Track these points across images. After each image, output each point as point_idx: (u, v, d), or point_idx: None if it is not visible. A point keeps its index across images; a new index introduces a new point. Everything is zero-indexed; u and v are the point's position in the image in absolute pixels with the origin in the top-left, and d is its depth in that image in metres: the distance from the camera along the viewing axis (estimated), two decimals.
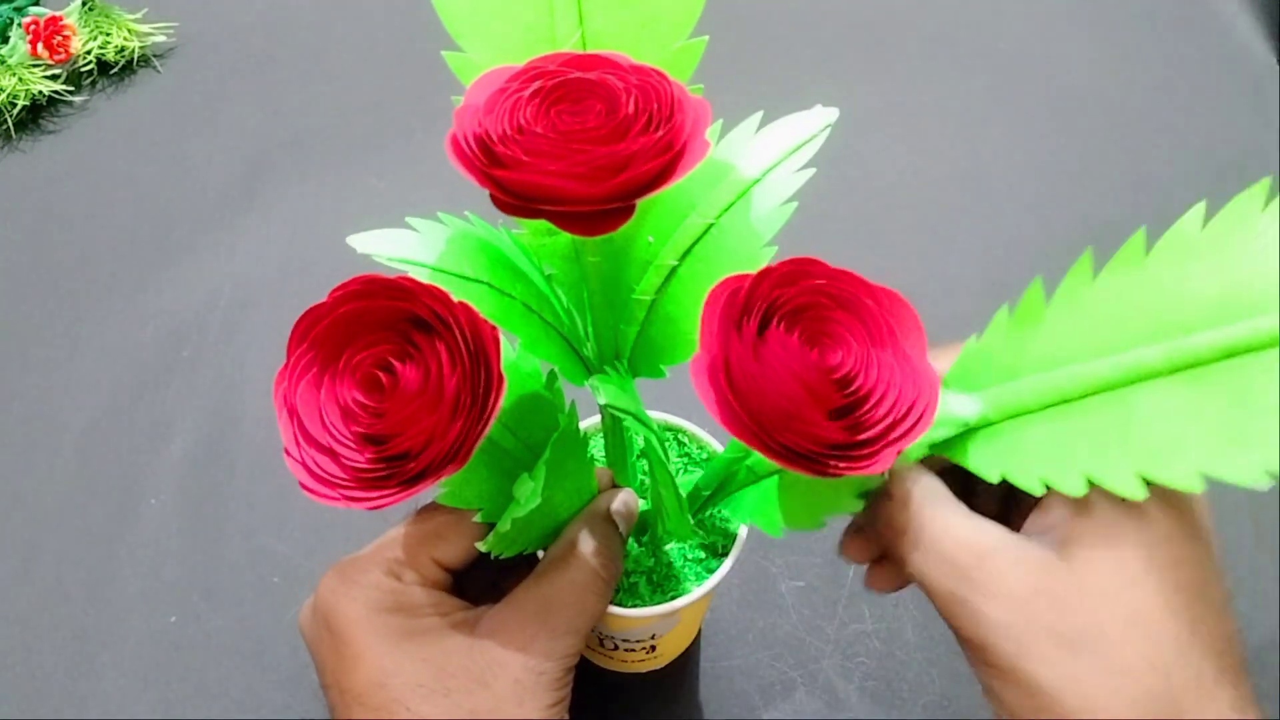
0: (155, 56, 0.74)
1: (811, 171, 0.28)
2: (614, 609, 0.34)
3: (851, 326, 0.24)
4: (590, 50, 0.27)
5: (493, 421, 0.23)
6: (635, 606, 0.34)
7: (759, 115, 0.29)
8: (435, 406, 0.23)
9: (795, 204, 0.28)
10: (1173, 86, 0.70)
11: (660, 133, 0.23)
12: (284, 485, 0.51)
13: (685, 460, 0.38)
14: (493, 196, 0.23)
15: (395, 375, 0.24)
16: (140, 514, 0.50)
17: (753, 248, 0.28)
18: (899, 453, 0.23)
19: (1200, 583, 0.24)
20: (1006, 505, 0.29)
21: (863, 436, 0.23)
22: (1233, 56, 0.72)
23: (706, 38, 0.27)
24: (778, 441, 0.23)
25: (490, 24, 0.28)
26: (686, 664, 0.45)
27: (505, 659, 0.28)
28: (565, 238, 0.30)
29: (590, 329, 0.30)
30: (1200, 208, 0.24)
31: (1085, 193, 0.63)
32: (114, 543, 0.49)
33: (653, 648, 0.40)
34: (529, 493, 0.26)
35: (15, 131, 0.68)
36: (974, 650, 0.25)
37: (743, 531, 0.35)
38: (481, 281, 0.28)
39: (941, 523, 0.26)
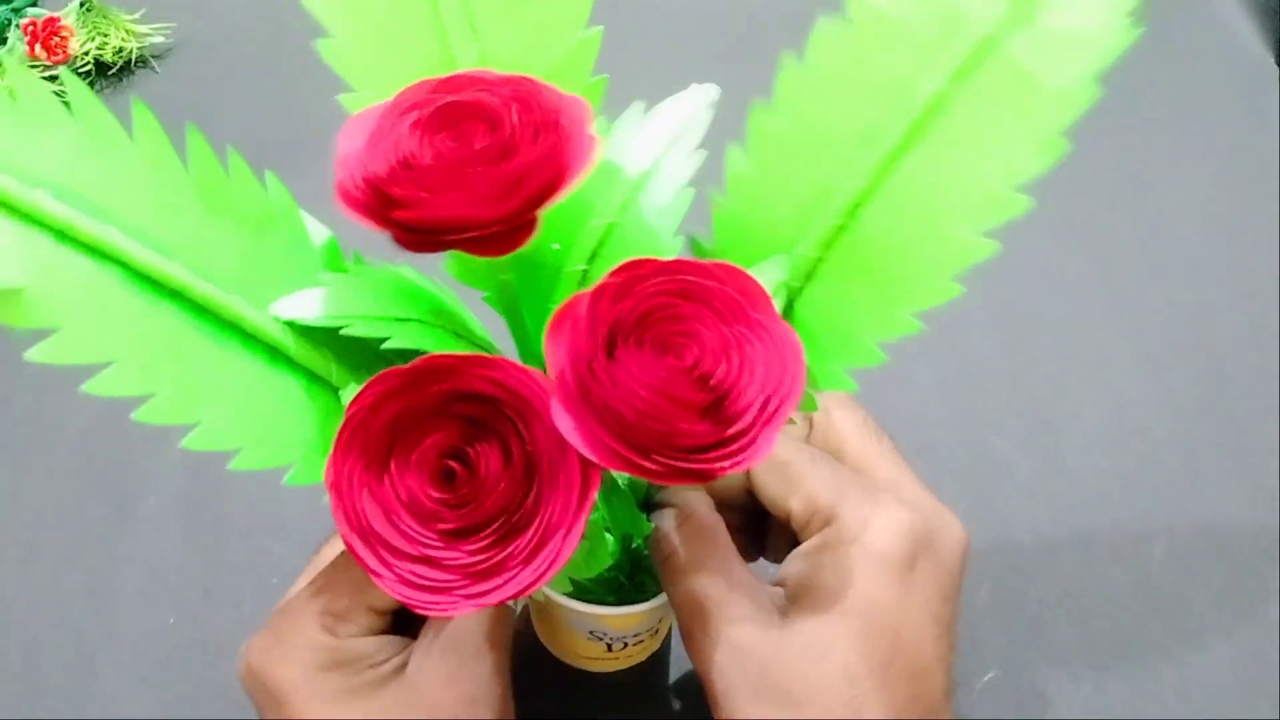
0: (153, 57, 0.73)
1: (704, 154, 0.27)
2: (625, 609, 0.33)
3: (700, 315, 0.22)
4: (488, 66, 0.26)
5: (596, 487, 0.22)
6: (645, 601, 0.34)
7: (641, 105, 0.28)
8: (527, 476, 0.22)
9: (694, 189, 0.27)
10: (1172, 86, 0.70)
11: (550, 138, 0.22)
12: (283, 485, 0.51)
13: None
14: (394, 237, 0.23)
15: (468, 460, 0.23)
16: (140, 514, 0.50)
17: (659, 239, 0.28)
18: (779, 429, 0.22)
19: (912, 648, 0.26)
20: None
21: (734, 429, 0.22)
22: (1233, 56, 0.72)
23: (602, 28, 0.26)
24: (656, 462, 0.21)
25: (384, 60, 0.27)
26: (675, 663, 0.45)
27: (437, 697, 0.28)
28: (486, 259, 0.30)
29: (524, 343, 0.30)
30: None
31: (1084, 193, 0.63)
32: (114, 543, 0.49)
33: (656, 630, 0.41)
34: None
35: None
36: (703, 685, 0.28)
37: None
38: (411, 319, 0.27)
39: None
